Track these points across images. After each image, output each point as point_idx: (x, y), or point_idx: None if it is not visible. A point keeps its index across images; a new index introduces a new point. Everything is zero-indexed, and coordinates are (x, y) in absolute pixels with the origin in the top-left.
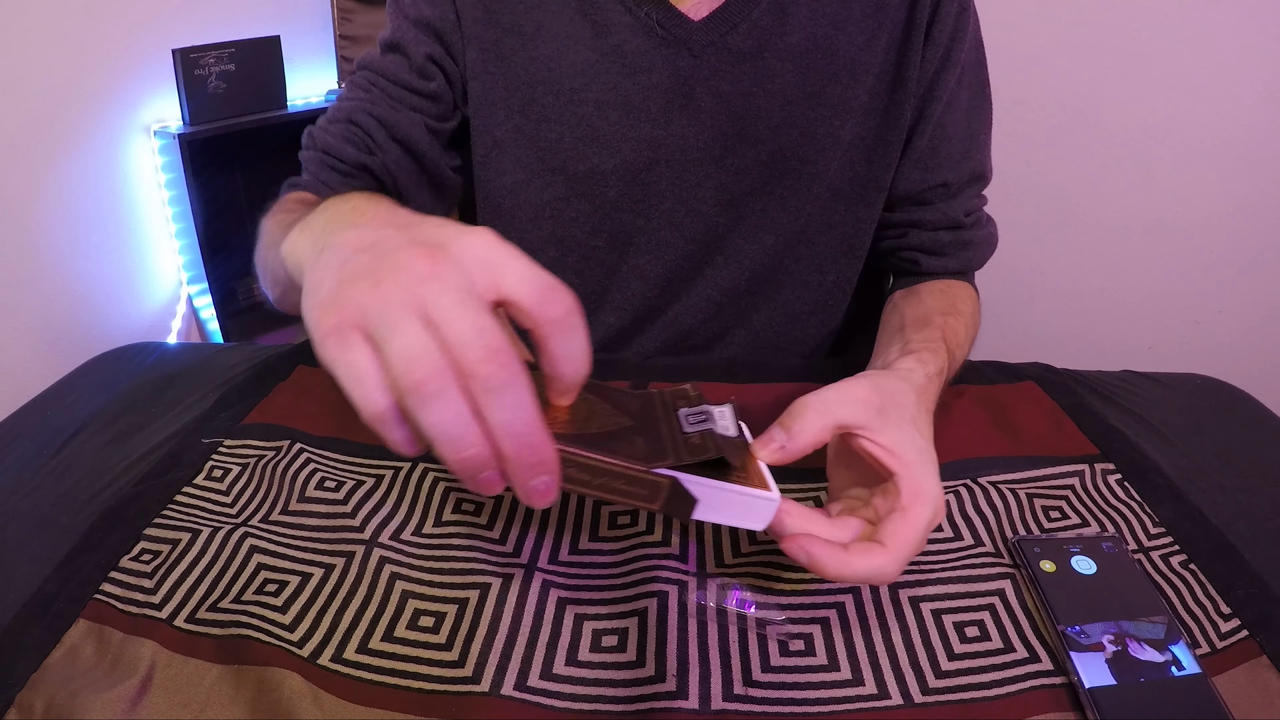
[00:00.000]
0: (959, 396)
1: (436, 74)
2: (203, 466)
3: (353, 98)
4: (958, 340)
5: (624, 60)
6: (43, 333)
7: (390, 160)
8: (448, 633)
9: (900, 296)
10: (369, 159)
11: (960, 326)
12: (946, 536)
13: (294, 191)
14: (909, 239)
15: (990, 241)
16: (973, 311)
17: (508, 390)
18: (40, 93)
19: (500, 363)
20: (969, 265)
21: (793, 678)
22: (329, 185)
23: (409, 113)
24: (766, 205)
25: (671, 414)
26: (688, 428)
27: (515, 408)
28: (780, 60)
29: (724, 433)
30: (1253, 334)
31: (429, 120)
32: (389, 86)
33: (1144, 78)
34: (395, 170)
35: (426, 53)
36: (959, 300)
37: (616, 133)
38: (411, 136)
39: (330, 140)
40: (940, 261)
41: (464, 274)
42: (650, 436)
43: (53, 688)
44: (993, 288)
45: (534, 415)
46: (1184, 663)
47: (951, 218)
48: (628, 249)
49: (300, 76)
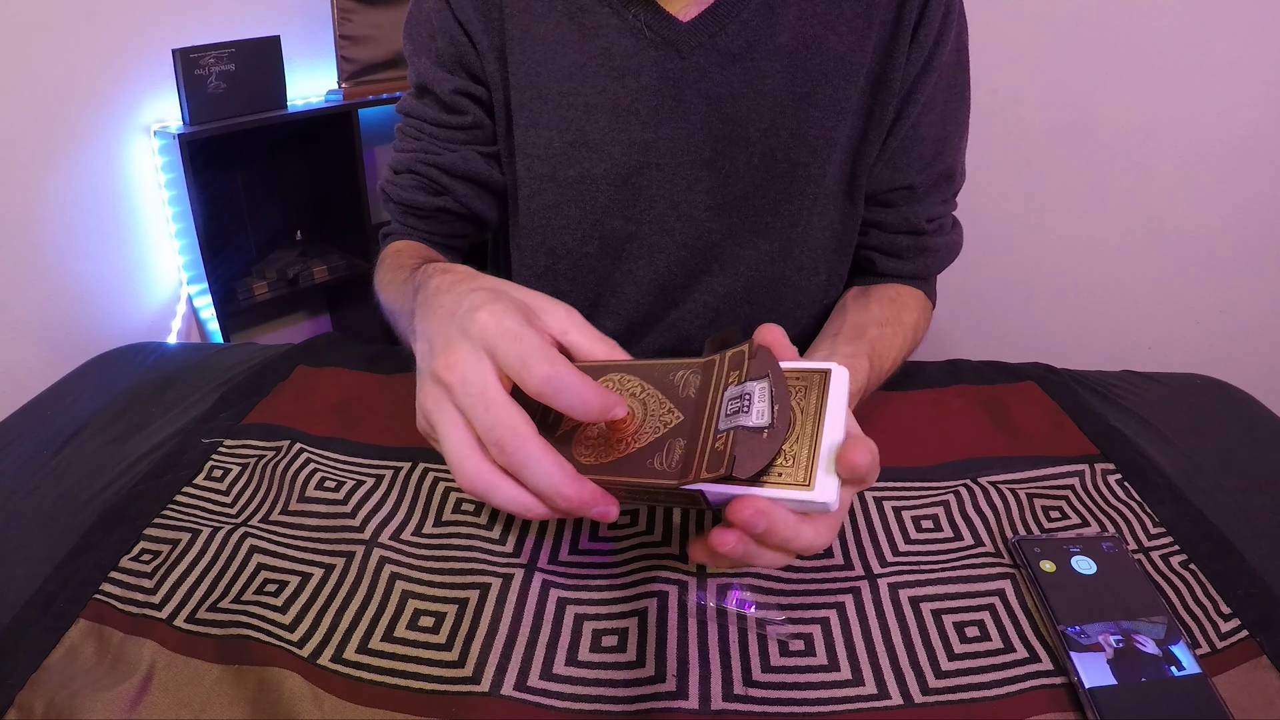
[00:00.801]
0: (959, 396)
1: (468, 105)
2: (203, 466)
3: (408, 148)
4: (886, 352)
5: (612, 63)
6: (43, 333)
7: (460, 196)
8: (448, 633)
9: (851, 297)
10: (441, 200)
11: (896, 338)
12: (946, 536)
13: (392, 242)
14: (868, 238)
15: (951, 249)
16: (915, 322)
17: (528, 466)
18: (40, 93)
19: (514, 447)
20: (925, 271)
21: (793, 678)
22: (418, 230)
23: (460, 148)
24: (760, 209)
25: (719, 396)
26: (722, 423)
27: (543, 475)
28: (770, 61)
29: (756, 422)
30: (1253, 334)
31: (479, 149)
32: (434, 130)
33: (1144, 78)
34: (467, 202)
35: (452, 88)
36: (904, 310)
37: (606, 137)
38: (471, 170)
39: (404, 194)
40: (896, 264)
41: (475, 371)
42: (690, 438)
43: (53, 688)
44: (993, 288)
45: (559, 477)
46: (1184, 663)
47: (913, 223)
48: (619, 256)
49: (300, 76)
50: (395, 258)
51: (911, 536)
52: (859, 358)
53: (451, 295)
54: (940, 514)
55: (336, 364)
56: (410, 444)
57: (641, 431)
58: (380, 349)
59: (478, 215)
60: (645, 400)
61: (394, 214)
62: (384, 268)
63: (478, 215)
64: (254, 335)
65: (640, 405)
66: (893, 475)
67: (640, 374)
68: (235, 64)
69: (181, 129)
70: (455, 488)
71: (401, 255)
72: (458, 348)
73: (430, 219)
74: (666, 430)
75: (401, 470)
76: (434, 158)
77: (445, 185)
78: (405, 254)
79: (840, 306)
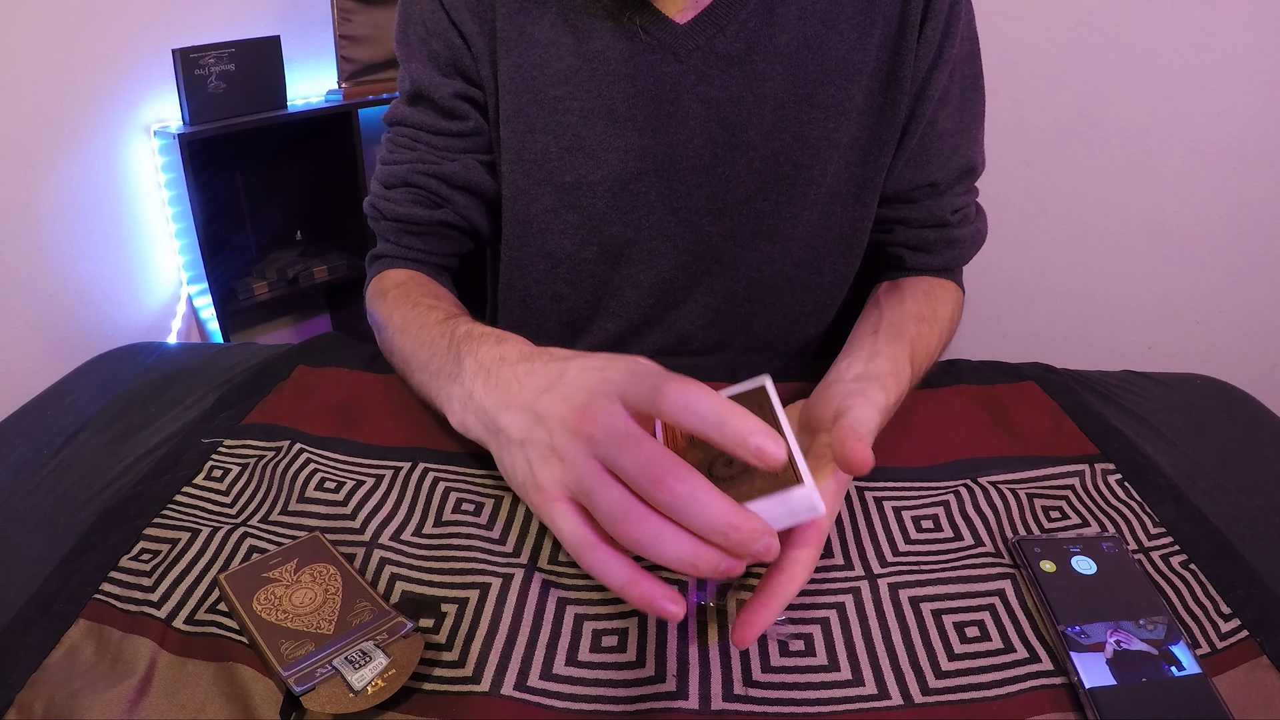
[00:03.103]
0: (959, 396)
1: (468, 110)
2: (203, 466)
3: (400, 160)
4: (927, 350)
5: (607, 67)
6: (43, 333)
7: (460, 208)
8: (448, 633)
9: (884, 292)
10: (440, 213)
11: (934, 336)
12: (946, 536)
13: (387, 270)
14: (894, 235)
15: (977, 239)
16: (950, 316)
17: (695, 497)
18: (40, 93)
19: (677, 477)
20: (954, 262)
21: (793, 678)
22: (412, 249)
23: (460, 157)
24: (762, 213)
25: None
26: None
27: (711, 505)
28: (769, 63)
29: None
30: (1253, 334)
31: (479, 157)
32: (431, 139)
33: (1144, 78)
34: (467, 214)
35: (451, 92)
36: (940, 305)
37: (602, 142)
38: (471, 180)
39: (399, 209)
40: (925, 258)
41: (616, 416)
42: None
43: (52, 688)
44: (993, 288)
45: (726, 505)
46: (1184, 663)
47: (938, 216)
48: (619, 261)
49: (300, 76)
50: (400, 293)
51: (911, 536)
52: (901, 360)
53: (535, 364)
54: (940, 514)
55: (336, 364)
56: (410, 444)
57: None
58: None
59: (475, 228)
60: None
61: (386, 233)
62: (389, 303)
63: (475, 228)
64: (254, 335)
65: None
66: (893, 475)
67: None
68: (235, 64)
69: (181, 129)
70: (455, 487)
71: (407, 291)
72: (591, 403)
73: (427, 235)
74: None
75: (401, 470)
76: (433, 167)
77: (445, 197)
78: (411, 291)
79: (874, 302)
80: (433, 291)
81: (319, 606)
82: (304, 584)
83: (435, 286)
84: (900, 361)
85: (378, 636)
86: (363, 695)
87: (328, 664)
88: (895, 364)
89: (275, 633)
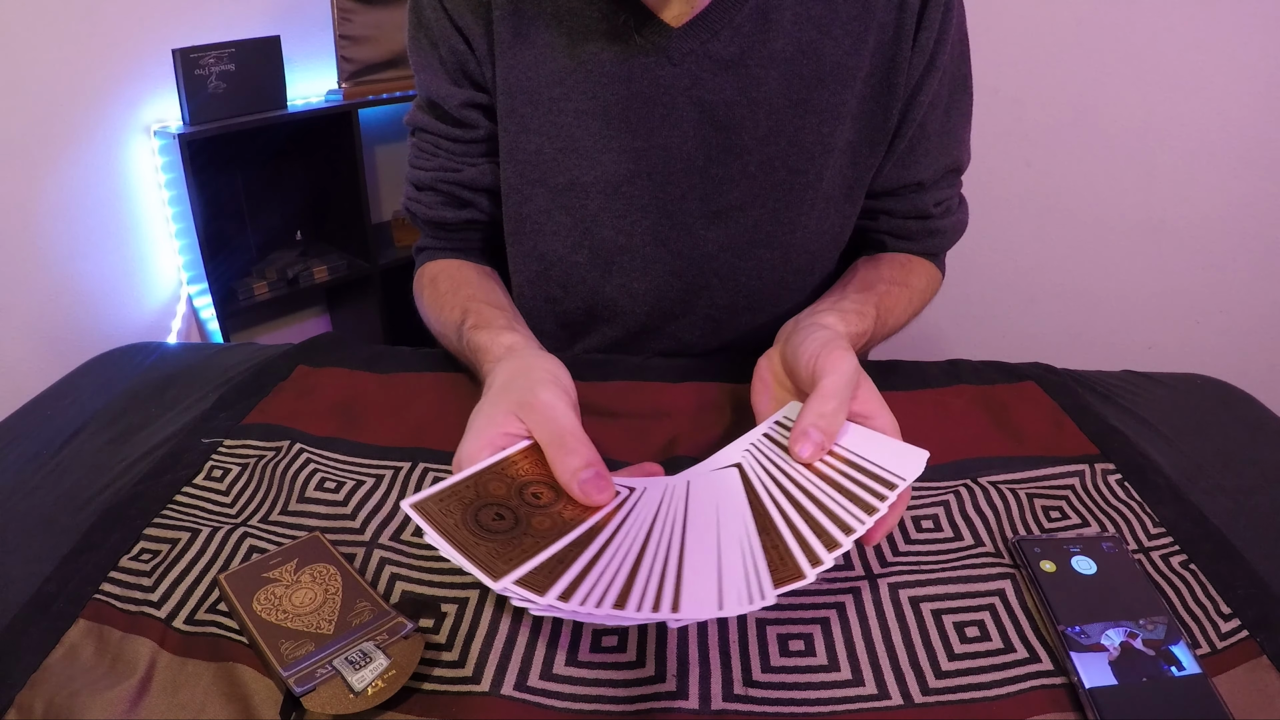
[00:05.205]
0: (959, 396)
1: (477, 118)
2: (203, 466)
3: (424, 165)
4: (893, 307)
5: (601, 68)
6: (43, 333)
7: (484, 208)
8: (448, 633)
9: (863, 261)
10: (467, 213)
11: (903, 297)
12: (946, 536)
13: (431, 261)
14: (878, 223)
15: (958, 228)
16: (924, 287)
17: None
18: (40, 93)
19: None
20: (936, 249)
21: (793, 678)
22: (451, 242)
23: (478, 162)
24: (759, 219)
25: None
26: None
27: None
28: (764, 68)
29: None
30: (1253, 334)
31: (495, 160)
32: (448, 145)
33: (1144, 78)
34: (492, 212)
35: (459, 102)
36: (913, 274)
37: (596, 143)
38: (491, 184)
39: (430, 212)
40: (906, 245)
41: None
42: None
43: (52, 688)
44: (993, 288)
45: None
46: (1184, 663)
47: (920, 208)
48: (610, 268)
49: (300, 76)
50: (433, 288)
51: (912, 536)
52: (867, 305)
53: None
54: (940, 514)
55: (336, 364)
56: (410, 444)
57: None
58: (380, 349)
59: (501, 223)
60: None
61: (424, 230)
62: (424, 301)
63: (501, 223)
64: (254, 335)
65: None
66: None
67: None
68: (235, 64)
69: (181, 129)
70: None
71: (437, 287)
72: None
73: (460, 231)
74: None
75: (401, 470)
76: (453, 174)
77: (468, 199)
78: (441, 285)
79: (851, 269)
80: (455, 284)
81: (319, 606)
82: (304, 584)
83: (462, 274)
84: (867, 305)
85: (378, 637)
86: (363, 696)
87: (328, 664)
88: (861, 305)
89: (275, 633)
